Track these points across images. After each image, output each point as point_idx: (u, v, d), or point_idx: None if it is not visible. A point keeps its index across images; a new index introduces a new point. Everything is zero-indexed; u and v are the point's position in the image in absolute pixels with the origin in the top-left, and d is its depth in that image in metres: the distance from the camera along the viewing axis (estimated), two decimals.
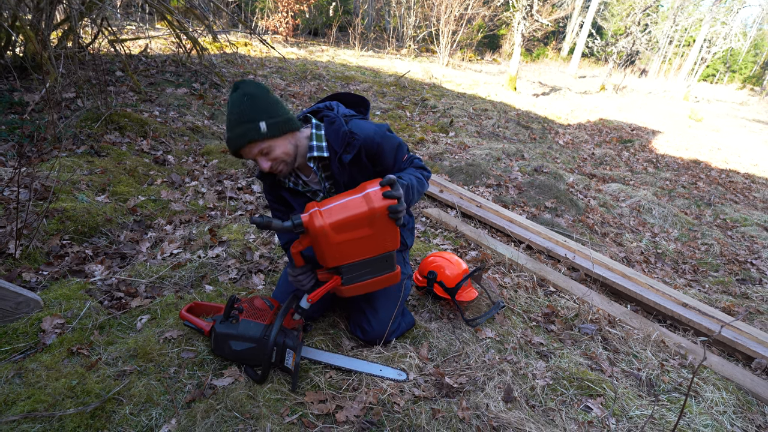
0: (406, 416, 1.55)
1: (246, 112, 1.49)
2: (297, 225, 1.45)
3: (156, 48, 6.95)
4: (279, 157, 1.56)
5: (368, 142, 1.64)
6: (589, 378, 1.88)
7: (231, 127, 1.51)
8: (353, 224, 1.47)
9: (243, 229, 2.67)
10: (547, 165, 5.34)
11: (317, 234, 1.46)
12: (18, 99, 3.80)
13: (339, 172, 1.67)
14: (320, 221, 1.44)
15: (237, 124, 1.50)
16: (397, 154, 1.72)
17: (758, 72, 38.48)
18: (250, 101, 1.50)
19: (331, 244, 1.49)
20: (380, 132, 1.67)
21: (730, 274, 3.69)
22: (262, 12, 13.29)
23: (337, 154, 1.64)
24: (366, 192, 1.48)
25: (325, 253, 1.53)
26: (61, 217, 2.40)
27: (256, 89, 1.52)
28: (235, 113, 1.50)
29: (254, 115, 1.49)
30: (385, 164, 1.71)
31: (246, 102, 1.49)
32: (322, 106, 1.77)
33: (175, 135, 4.06)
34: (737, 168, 8.07)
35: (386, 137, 1.69)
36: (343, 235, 1.48)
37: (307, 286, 1.64)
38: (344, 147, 1.63)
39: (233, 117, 1.51)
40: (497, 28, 20.21)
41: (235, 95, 1.51)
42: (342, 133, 1.63)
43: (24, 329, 1.68)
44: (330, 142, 1.64)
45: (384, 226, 1.51)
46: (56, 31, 4.78)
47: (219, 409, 1.47)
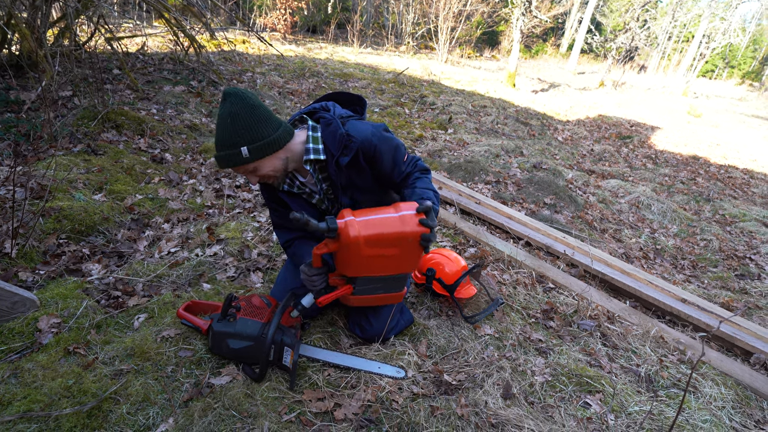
0: (404, 414, 1.55)
1: (227, 137, 1.47)
2: (332, 229, 1.43)
3: (153, 46, 6.92)
4: (267, 174, 1.57)
5: (365, 144, 1.62)
6: (588, 374, 1.88)
7: (216, 146, 1.52)
8: (385, 242, 1.49)
9: (241, 227, 2.66)
10: (546, 161, 5.33)
11: (349, 243, 1.45)
12: (14, 97, 3.78)
13: (336, 175, 1.65)
14: (356, 231, 1.45)
15: (220, 148, 1.50)
16: (395, 156, 1.69)
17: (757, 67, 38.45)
18: (232, 123, 1.46)
19: (359, 256, 1.49)
20: (377, 134, 1.65)
21: (728, 270, 3.69)
22: (260, 9, 13.25)
23: (334, 157, 1.61)
24: (401, 214, 1.49)
25: (350, 262, 1.53)
26: (57, 216, 2.39)
27: (240, 107, 1.46)
28: (218, 134, 1.50)
29: (236, 140, 1.47)
30: (384, 167, 1.68)
31: (228, 124, 1.46)
32: (318, 106, 1.74)
33: (173, 133, 4.04)
34: (736, 164, 8.06)
35: (383, 139, 1.66)
36: (372, 250, 1.49)
37: (319, 287, 1.63)
38: (341, 150, 1.61)
39: (217, 137, 1.50)
40: (496, 25, 20.16)
41: (221, 110, 1.49)
42: (339, 135, 1.60)
43: (20, 329, 1.67)
44: (327, 144, 1.62)
45: (411, 249, 1.53)
46: (52, 29, 4.75)
47: (217, 407, 1.47)
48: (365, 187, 1.73)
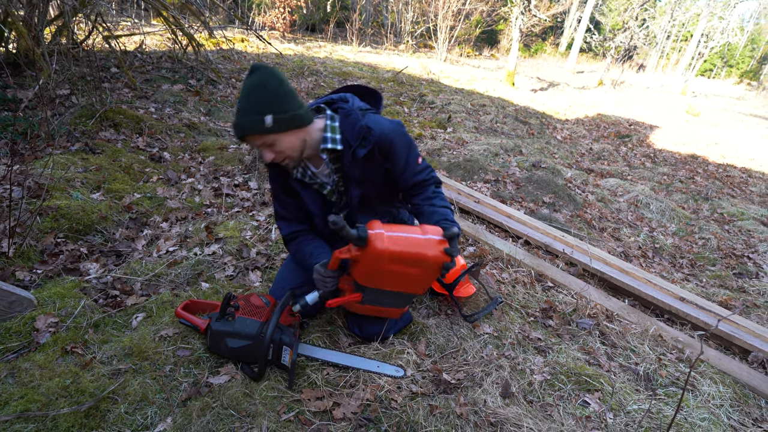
0: (403, 413, 1.55)
1: (254, 103, 1.46)
2: (362, 238, 1.45)
3: (151, 44, 6.90)
4: (284, 151, 1.54)
5: (383, 138, 1.62)
6: (586, 373, 1.88)
7: (238, 114, 1.49)
8: (408, 261, 1.50)
9: (239, 226, 2.66)
10: (545, 160, 5.33)
11: (375, 254, 1.47)
12: (11, 96, 3.77)
13: (350, 166, 1.65)
14: (383, 245, 1.46)
15: (243, 114, 1.47)
16: (408, 156, 1.70)
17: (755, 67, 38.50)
18: (260, 92, 1.46)
19: (380, 269, 1.52)
20: (395, 129, 1.66)
21: (727, 268, 3.69)
22: (259, 8, 13.22)
23: (351, 148, 1.61)
24: (428, 237, 1.52)
25: (369, 272, 1.54)
26: (55, 215, 2.38)
27: (269, 78, 1.48)
28: (244, 101, 1.48)
29: (261, 108, 1.46)
30: (396, 164, 1.69)
31: (256, 92, 1.46)
32: (337, 97, 1.74)
33: (171, 132, 4.03)
34: (734, 162, 8.07)
35: (401, 135, 1.67)
36: (393, 266, 1.51)
37: (330, 289, 1.62)
38: (359, 141, 1.61)
39: (241, 105, 1.48)
40: (495, 24, 20.15)
41: (249, 81, 1.48)
42: (358, 127, 1.61)
43: (17, 328, 1.67)
44: (345, 134, 1.62)
45: (429, 273, 1.56)
46: (50, 27, 4.73)
47: (215, 407, 1.46)
48: (376, 183, 1.73)
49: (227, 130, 4.51)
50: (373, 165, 1.67)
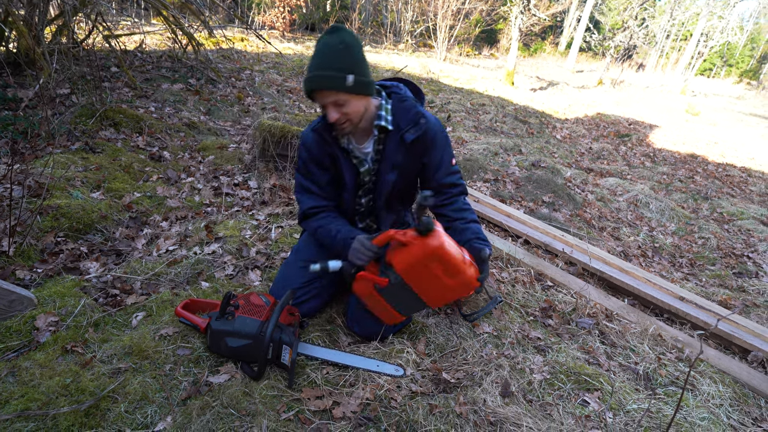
0: (403, 412, 1.55)
1: (338, 59, 1.47)
2: (429, 227, 1.45)
3: (151, 43, 6.90)
4: (349, 114, 1.56)
5: (431, 129, 1.69)
6: (586, 372, 1.88)
7: (318, 67, 1.49)
8: (451, 269, 1.51)
9: (239, 226, 2.66)
10: (545, 159, 5.33)
11: (431, 247, 1.47)
12: (11, 95, 3.77)
13: (394, 150, 1.69)
14: (441, 241, 1.46)
15: (325, 68, 1.48)
16: (444, 155, 1.76)
17: (755, 66, 38.48)
18: (345, 50, 1.48)
19: (425, 264, 1.51)
20: (440, 125, 1.74)
21: (726, 268, 3.69)
22: (258, 7, 13.21)
23: (400, 131, 1.67)
24: (468, 258, 1.56)
25: (413, 264, 1.53)
26: (55, 214, 2.38)
27: (353, 40, 1.50)
28: (326, 55, 1.48)
29: (345, 66, 1.47)
30: (434, 158, 1.75)
31: (341, 49, 1.48)
32: (389, 84, 1.79)
33: (171, 131, 4.03)
34: (734, 162, 8.08)
35: (443, 131, 1.75)
36: (437, 267, 1.51)
37: (363, 263, 1.62)
38: (411, 125, 1.67)
39: (324, 59, 1.48)
40: (495, 23, 20.14)
41: (330, 38, 1.49)
42: (413, 112, 1.67)
43: (17, 327, 1.67)
44: (396, 118, 1.68)
45: (459, 289, 1.59)
46: (50, 27, 4.73)
47: (215, 406, 1.47)
48: (409, 175, 1.79)
49: (227, 130, 4.51)
50: (413, 155, 1.73)
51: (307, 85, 1.52)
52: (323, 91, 1.51)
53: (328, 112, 1.55)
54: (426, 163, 1.76)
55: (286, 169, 3.39)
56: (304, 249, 2.01)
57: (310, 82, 1.51)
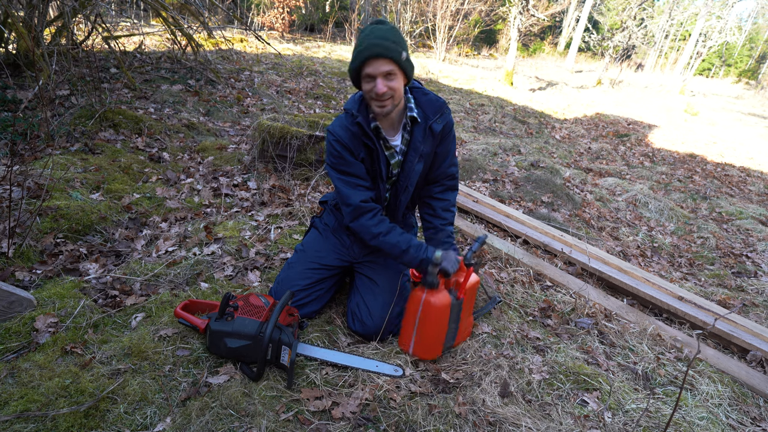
0: (402, 412, 1.55)
1: (394, 37, 1.59)
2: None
3: (151, 44, 6.90)
4: (395, 89, 1.62)
5: (450, 120, 1.83)
6: (585, 372, 1.88)
7: (378, 37, 1.57)
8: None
9: (239, 226, 2.66)
10: (544, 160, 5.34)
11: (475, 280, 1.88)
12: (11, 96, 3.77)
13: (422, 140, 1.77)
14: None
15: (384, 40, 1.57)
16: (453, 145, 1.90)
17: (753, 66, 38.52)
18: (396, 32, 1.61)
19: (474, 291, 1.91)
20: (452, 118, 1.87)
21: (725, 267, 3.70)
22: (258, 8, 13.22)
23: (428, 121, 1.76)
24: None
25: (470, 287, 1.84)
26: (54, 215, 2.38)
27: (398, 30, 1.64)
28: (382, 32, 1.58)
29: (399, 43, 1.59)
30: (445, 147, 1.86)
31: (394, 31, 1.61)
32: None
33: (170, 132, 4.03)
34: (733, 161, 8.09)
35: (453, 125, 1.88)
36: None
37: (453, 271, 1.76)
38: (437, 116, 1.76)
39: (381, 33, 1.58)
40: (494, 23, 20.15)
41: (379, 24, 1.62)
42: (439, 103, 1.78)
43: (17, 328, 1.67)
44: (423, 108, 1.77)
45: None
46: (49, 28, 4.73)
47: (214, 406, 1.47)
48: (430, 164, 1.88)
49: (226, 130, 4.51)
50: (433, 147, 1.83)
51: (367, 51, 1.56)
52: (380, 60, 1.57)
53: (377, 84, 1.59)
54: (438, 152, 1.85)
55: (285, 169, 3.39)
56: (309, 250, 2.01)
57: (372, 47, 1.56)
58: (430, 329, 1.75)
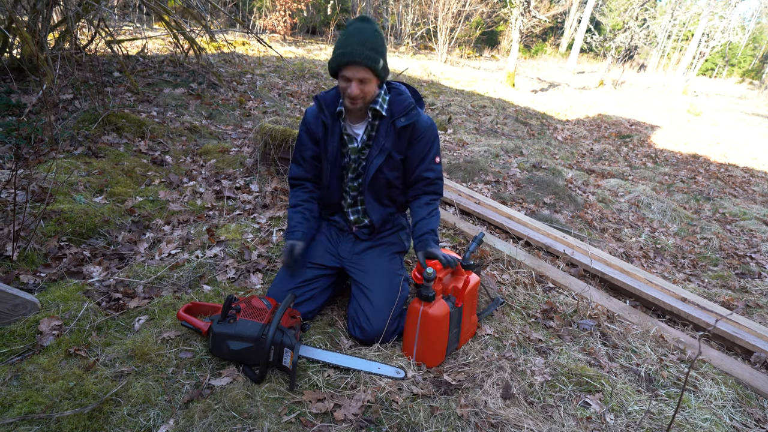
0: (404, 414, 1.55)
1: (375, 43, 1.65)
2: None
3: (153, 48, 6.94)
4: (366, 92, 1.72)
5: (421, 122, 1.85)
6: (587, 374, 1.88)
7: (358, 44, 1.63)
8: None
9: (241, 229, 2.67)
10: (546, 161, 5.33)
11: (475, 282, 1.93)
12: (15, 101, 3.80)
13: (384, 134, 1.83)
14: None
15: (363, 46, 1.63)
16: (431, 149, 1.90)
17: (757, 66, 38.40)
18: (380, 39, 1.67)
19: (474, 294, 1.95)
20: (432, 123, 1.90)
21: (729, 268, 3.68)
22: (259, 11, 13.28)
23: (392, 118, 1.81)
24: None
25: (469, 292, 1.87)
26: (58, 218, 2.40)
27: (380, 32, 1.70)
28: (364, 35, 1.64)
29: (378, 50, 1.66)
30: (418, 150, 1.87)
31: (377, 37, 1.66)
32: (395, 83, 1.93)
33: (173, 135, 4.06)
34: (736, 162, 8.06)
35: (433, 130, 1.90)
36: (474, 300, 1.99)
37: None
38: (403, 113, 1.81)
39: (362, 38, 1.64)
40: (495, 25, 20.17)
41: (364, 24, 1.67)
42: (407, 103, 1.83)
43: (21, 331, 1.68)
44: (391, 107, 1.83)
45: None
46: (53, 33, 4.77)
47: (217, 409, 1.47)
48: (394, 166, 1.90)
49: (228, 134, 4.53)
50: (400, 143, 1.85)
51: (346, 58, 1.64)
52: (357, 67, 1.65)
53: (352, 87, 1.68)
54: (409, 155, 1.88)
55: (288, 172, 3.40)
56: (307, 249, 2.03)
57: (351, 55, 1.63)
58: (431, 339, 1.77)
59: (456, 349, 1.92)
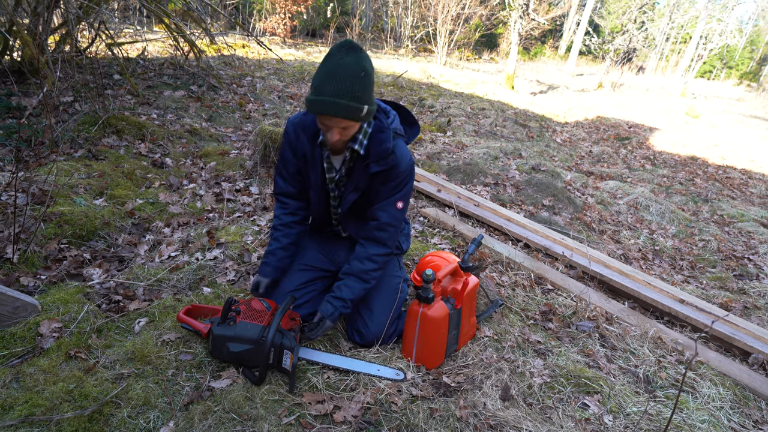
0: (403, 416, 1.56)
1: (358, 88, 1.41)
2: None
3: (154, 51, 6.96)
4: (347, 136, 1.56)
5: (396, 168, 1.68)
6: (586, 375, 1.89)
7: (337, 93, 1.40)
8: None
9: (241, 231, 2.68)
10: (545, 163, 5.35)
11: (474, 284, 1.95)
12: (16, 103, 3.81)
13: (359, 174, 1.71)
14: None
15: (344, 95, 1.40)
16: (396, 193, 1.73)
17: (755, 68, 38.48)
18: (365, 78, 1.43)
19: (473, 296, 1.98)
20: (409, 167, 1.72)
21: (727, 270, 3.70)
22: (259, 14, 13.31)
23: (367, 160, 1.66)
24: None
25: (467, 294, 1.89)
26: (58, 221, 2.40)
27: (370, 68, 1.45)
28: (346, 80, 1.39)
29: (363, 96, 1.43)
30: (382, 191, 1.73)
31: (362, 77, 1.42)
32: (382, 106, 1.75)
33: (173, 137, 4.06)
34: (734, 164, 8.08)
35: (409, 174, 1.73)
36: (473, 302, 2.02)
37: None
38: (378, 158, 1.65)
39: (343, 84, 1.39)
40: (494, 27, 20.22)
41: (350, 59, 1.40)
42: (384, 146, 1.64)
43: (22, 334, 1.69)
44: (370, 145, 1.65)
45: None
46: (54, 35, 4.78)
47: (217, 411, 1.48)
48: (377, 197, 1.77)
49: (228, 136, 4.54)
50: (375, 183, 1.73)
51: (321, 108, 1.43)
52: (335, 118, 1.45)
53: (331, 134, 1.52)
54: (380, 190, 1.74)
55: None
56: (301, 253, 2.04)
57: (326, 106, 1.41)
58: (430, 341, 1.78)
59: (455, 350, 1.93)
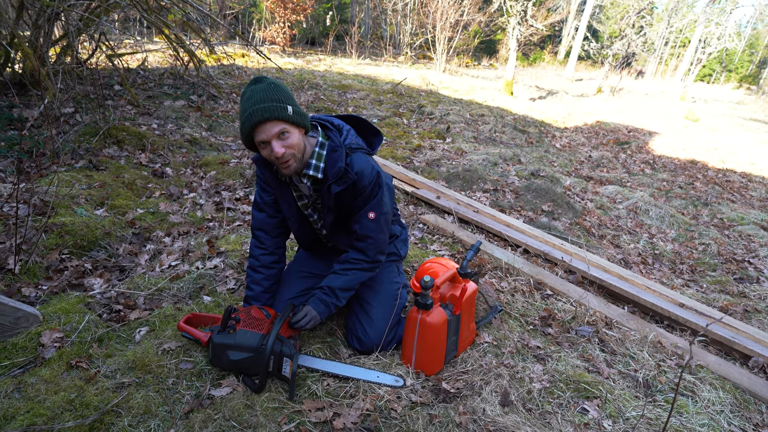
0: (403, 422, 1.56)
1: (274, 95, 1.51)
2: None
3: (154, 61, 7.02)
4: (293, 146, 1.55)
5: (359, 182, 1.68)
6: (585, 380, 1.89)
7: (255, 103, 1.49)
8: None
9: (241, 240, 2.69)
10: (544, 169, 5.36)
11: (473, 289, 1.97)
12: (17, 115, 3.85)
13: (326, 196, 1.71)
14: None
15: (262, 102, 1.49)
16: (366, 205, 1.73)
17: (754, 71, 38.58)
18: (276, 88, 1.53)
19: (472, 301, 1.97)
20: (373, 176, 1.70)
21: (727, 274, 3.69)
22: (259, 23, 13.42)
23: (327, 182, 1.66)
24: None
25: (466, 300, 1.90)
26: (60, 231, 2.42)
27: (279, 83, 1.56)
28: (261, 93, 1.50)
29: (282, 98, 1.52)
30: (355, 204, 1.73)
31: (273, 88, 1.52)
32: (336, 123, 1.77)
33: (173, 147, 4.09)
34: (734, 167, 8.08)
35: (375, 185, 1.71)
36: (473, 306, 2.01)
37: None
38: (336, 179, 1.65)
39: (260, 95, 1.50)
40: (493, 34, 20.34)
41: (257, 86, 1.52)
42: (338, 167, 1.64)
43: (23, 344, 1.70)
44: (327, 167, 1.66)
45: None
46: (54, 47, 4.83)
47: (217, 419, 1.49)
48: (351, 211, 1.78)
49: (228, 145, 4.57)
50: (345, 199, 1.73)
51: (253, 118, 1.49)
52: (268, 123, 1.50)
53: (274, 147, 1.52)
54: (354, 204, 1.75)
55: None
56: (300, 259, 2.06)
57: (255, 114, 1.48)
58: (429, 348, 1.79)
59: (454, 356, 1.93)
